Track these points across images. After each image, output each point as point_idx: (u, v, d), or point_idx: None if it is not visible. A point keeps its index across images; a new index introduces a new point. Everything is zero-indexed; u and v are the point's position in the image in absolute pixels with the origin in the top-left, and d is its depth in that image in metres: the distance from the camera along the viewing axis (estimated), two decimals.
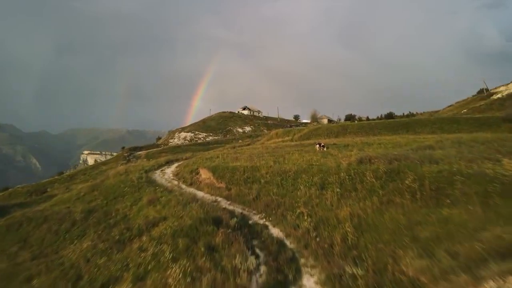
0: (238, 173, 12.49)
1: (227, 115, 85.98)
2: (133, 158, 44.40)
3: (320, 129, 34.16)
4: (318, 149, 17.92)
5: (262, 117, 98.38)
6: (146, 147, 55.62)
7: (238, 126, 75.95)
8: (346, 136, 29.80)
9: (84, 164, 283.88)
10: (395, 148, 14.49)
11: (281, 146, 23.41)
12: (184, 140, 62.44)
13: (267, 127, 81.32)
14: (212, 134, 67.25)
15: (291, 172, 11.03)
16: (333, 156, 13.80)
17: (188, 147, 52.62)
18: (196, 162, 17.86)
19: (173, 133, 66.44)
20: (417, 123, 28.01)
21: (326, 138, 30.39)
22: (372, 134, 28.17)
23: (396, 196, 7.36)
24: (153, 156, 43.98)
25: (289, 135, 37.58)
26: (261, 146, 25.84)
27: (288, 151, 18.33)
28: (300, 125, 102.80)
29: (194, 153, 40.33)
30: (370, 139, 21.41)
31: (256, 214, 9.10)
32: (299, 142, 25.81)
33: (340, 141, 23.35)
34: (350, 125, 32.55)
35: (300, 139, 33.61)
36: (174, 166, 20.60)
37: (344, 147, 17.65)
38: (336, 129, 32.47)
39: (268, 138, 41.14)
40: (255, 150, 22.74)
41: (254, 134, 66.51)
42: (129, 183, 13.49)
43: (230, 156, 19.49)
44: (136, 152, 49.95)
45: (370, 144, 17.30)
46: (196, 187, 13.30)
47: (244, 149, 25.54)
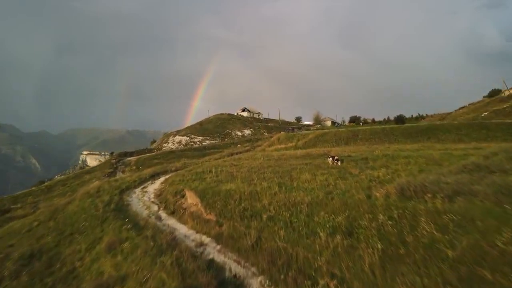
0: (232, 202, 9.78)
1: (226, 117, 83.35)
2: (121, 165, 41.72)
3: (327, 135, 31.49)
4: (331, 163, 15.27)
5: (262, 119, 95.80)
6: (138, 152, 52.93)
7: (237, 129, 73.29)
8: (358, 143, 27.17)
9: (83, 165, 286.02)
10: (431, 165, 11.81)
11: (285, 156, 20.71)
12: (179, 144, 59.75)
13: (268, 130, 78.72)
14: (209, 137, 64.58)
15: (303, 205, 8.32)
16: (354, 176, 11.12)
17: (182, 152, 49.95)
18: (184, 179, 15.15)
19: (167, 137, 63.77)
20: (439, 129, 25.36)
21: (335, 145, 27.77)
22: (387, 142, 25.53)
23: (486, 271, 4.64)
24: (144, 163, 41.34)
25: (293, 141, 34.92)
26: (262, 156, 23.17)
27: (295, 165, 15.66)
28: (302, 128, 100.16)
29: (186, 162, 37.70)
30: (390, 149, 18.75)
31: (256, 276, 6.39)
32: (305, 151, 23.12)
33: (353, 150, 20.69)
34: (361, 130, 29.88)
35: (305, 146, 31.00)
36: (159, 181, 17.89)
37: (363, 161, 14.95)
38: (345, 135, 29.80)
39: (270, 143, 38.47)
40: (255, 161, 20.05)
41: (254, 138, 63.85)
42: (93, 212, 10.76)
43: (225, 170, 16.82)
44: (126, 158, 47.26)
45: (394, 158, 14.60)
46: (178, 217, 10.58)
47: (243, 159, 22.85)
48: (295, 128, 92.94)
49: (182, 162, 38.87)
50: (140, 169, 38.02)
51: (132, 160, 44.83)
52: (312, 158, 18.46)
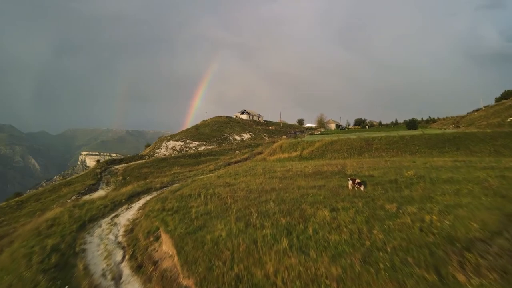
0: (221, 263, 6.82)
1: (224, 120, 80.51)
2: (107, 175, 38.72)
3: (337, 143, 28.55)
4: (351, 187, 12.33)
5: (262, 122, 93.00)
6: (127, 159, 49.95)
7: (236, 133, 70.39)
8: (373, 153, 24.24)
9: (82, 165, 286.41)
10: (493, 197, 8.83)
11: (291, 172, 17.75)
12: (173, 150, 56.80)
13: (269, 134, 75.88)
14: (205, 143, 61.67)
15: (331, 283, 5.37)
16: (393, 217, 8.16)
17: (175, 160, 47.03)
18: (165, 208, 12.17)
19: (160, 142, 60.83)
20: (469, 138, 22.45)
21: (347, 156, 24.83)
22: (409, 153, 22.60)
23: None
24: (132, 173, 38.39)
25: (297, 149, 32.00)
26: (263, 170, 20.20)
27: (305, 189, 12.74)
28: (305, 131, 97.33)
29: (178, 173, 34.88)
30: (419, 165, 15.81)
31: None
32: (314, 165, 20.18)
33: (372, 166, 17.76)
34: (376, 138, 26.94)
35: (311, 156, 28.09)
36: (137, 206, 14.91)
37: (392, 185, 11.99)
38: (358, 144, 26.87)
39: (271, 151, 35.53)
40: (255, 179, 17.11)
41: (253, 143, 60.95)
42: (22, 271, 7.75)
43: (217, 193, 13.89)
44: (113, 166, 44.24)
45: (433, 183, 11.64)
46: (144, 279, 7.60)
47: (240, 174, 19.90)
48: (297, 132, 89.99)
49: (173, 173, 36.00)
50: (127, 180, 35.09)
51: (120, 169, 41.87)
52: (325, 177, 15.50)
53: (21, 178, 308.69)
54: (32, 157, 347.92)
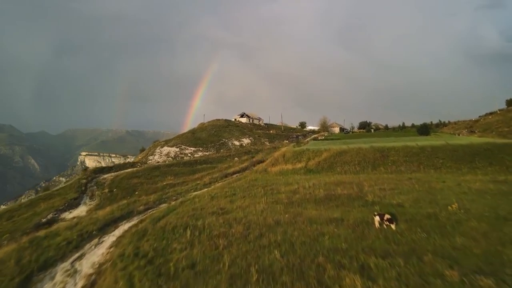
0: None
1: (222, 124, 78.03)
2: (93, 186, 36.20)
3: (347, 154, 26.02)
4: (378, 225, 9.82)
5: (263, 126, 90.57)
6: (118, 167, 47.42)
7: (235, 138, 67.89)
8: (390, 168, 21.71)
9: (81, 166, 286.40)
10: None
11: (298, 196, 15.19)
12: (167, 157, 54.28)
13: (269, 139, 73.43)
14: (202, 148, 59.17)
15: None
16: None
17: (169, 168, 44.51)
18: (138, 253, 9.64)
19: (154, 148, 58.30)
20: (503, 150, 19.92)
21: (359, 170, 22.31)
22: (432, 167, 20.07)
23: None
24: (120, 184, 35.89)
25: (302, 159, 29.49)
26: (264, 191, 17.64)
27: (317, 224, 10.22)
28: (307, 134, 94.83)
29: (169, 185, 32.40)
30: (455, 189, 13.28)
31: None
32: (324, 184, 17.65)
33: (394, 185, 15.26)
34: (392, 149, 24.39)
35: (318, 168, 25.59)
36: (109, 242, 12.35)
37: (432, 223, 9.46)
38: (372, 155, 24.34)
39: (273, 161, 32.98)
40: (255, 204, 14.60)
41: (253, 149, 58.43)
42: None
43: (207, 227, 11.40)
44: (101, 176, 41.71)
45: (491, 223, 9.10)
46: None
47: (238, 195, 17.38)
48: (299, 136, 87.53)
49: (164, 185, 33.48)
50: (114, 193, 32.54)
51: (108, 179, 39.38)
52: (341, 204, 12.97)
53: (21, 178, 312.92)
54: (32, 157, 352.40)
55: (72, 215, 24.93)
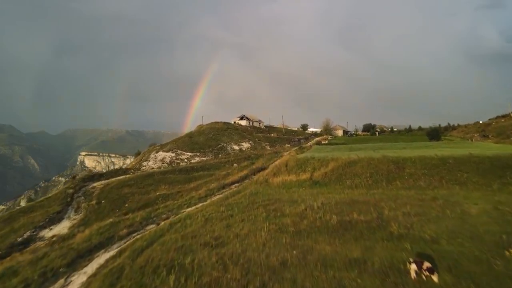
0: None
1: (221, 127, 76.05)
2: (80, 196, 34.15)
3: (357, 165, 23.97)
4: (414, 275, 7.78)
5: (263, 128, 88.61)
6: (109, 174, 45.34)
7: (234, 142, 65.89)
8: (407, 182, 19.66)
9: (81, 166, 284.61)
10: None
11: (305, 221, 13.14)
12: (162, 162, 52.25)
13: (270, 143, 71.45)
14: (199, 153, 57.16)
15: None
16: None
17: (163, 176, 42.46)
18: None
19: (148, 153, 56.29)
20: None
21: (373, 184, 20.29)
22: (457, 183, 18.03)
23: None
24: (109, 195, 33.83)
25: (306, 169, 27.47)
26: (266, 213, 15.58)
27: (335, 270, 8.19)
28: (309, 137, 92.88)
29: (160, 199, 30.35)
30: (496, 216, 11.25)
31: None
32: (335, 203, 15.60)
33: (419, 208, 13.27)
34: (408, 160, 22.33)
35: (325, 180, 23.58)
36: (77, 284, 10.29)
37: (485, 276, 7.42)
38: (386, 167, 22.28)
39: (274, 170, 30.94)
40: (256, 231, 12.58)
41: (253, 155, 56.37)
42: None
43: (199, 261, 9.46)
44: (90, 184, 39.65)
45: None
46: None
47: (235, 218, 15.35)
48: (301, 139, 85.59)
49: (157, 196, 31.43)
50: (102, 205, 30.49)
51: (97, 188, 37.33)
52: (360, 235, 10.94)
53: (20, 178, 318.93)
54: (32, 157, 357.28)
55: (52, 233, 22.88)
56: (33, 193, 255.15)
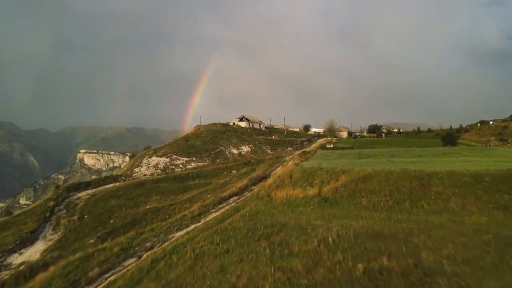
0: None
1: (219, 129, 73.41)
2: (62, 209, 31.57)
3: (373, 180, 21.34)
4: None
5: (264, 130, 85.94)
6: (97, 182, 42.73)
7: (233, 146, 63.26)
8: (435, 204, 17.05)
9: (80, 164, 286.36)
10: None
11: (321, 269, 10.51)
12: (156, 168, 49.62)
13: (271, 146, 68.85)
14: (196, 158, 54.55)
15: None
16: None
17: (156, 185, 39.87)
18: None
19: (141, 158, 53.66)
20: None
21: (394, 205, 17.71)
22: (499, 207, 15.40)
23: None
24: (94, 208, 31.24)
25: (313, 182, 24.90)
26: (269, 248, 12.98)
27: None
28: (312, 139, 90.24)
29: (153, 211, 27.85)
30: None
31: None
32: (353, 235, 12.99)
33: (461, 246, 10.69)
34: (435, 175, 19.66)
35: (335, 198, 21.01)
36: None
37: None
38: (407, 183, 19.65)
39: (277, 182, 28.34)
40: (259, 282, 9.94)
41: (253, 160, 53.77)
42: None
43: None
44: (75, 194, 37.03)
45: None
46: None
47: (232, 253, 12.75)
48: (304, 142, 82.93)
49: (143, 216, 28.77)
50: (84, 222, 27.87)
51: (82, 199, 34.76)
52: None
53: (20, 176, 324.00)
54: (31, 155, 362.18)
55: (22, 259, 20.29)
56: (32, 191, 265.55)
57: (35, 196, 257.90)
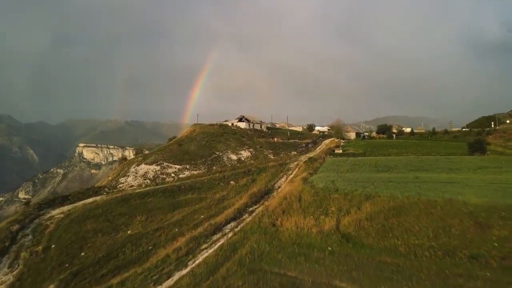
0: None
1: (216, 131, 69.14)
2: (28, 234, 27.48)
3: (409, 214, 17.19)
4: None
5: (265, 131, 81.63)
6: (76, 196, 38.61)
7: (231, 150, 59.08)
8: (509, 263, 12.89)
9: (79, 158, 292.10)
10: None
11: None
12: (144, 178, 45.49)
13: (274, 150, 64.69)
14: (190, 166, 50.43)
15: None
16: None
17: (142, 200, 35.84)
18: None
19: (128, 165, 49.45)
20: None
21: (444, 257, 13.60)
22: None
23: None
24: (64, 234, 27.18)
25: (329, 211, 20.82)
26: None
27: None
28: (318, 141, 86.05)
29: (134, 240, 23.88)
30: None
31: None
32: None
33: None
34: (494, 212, 15.53)
35: (360, 236, 16.99)
36: None
37: None
38: (457, 223, 15.50)
39: (283, 205, 24.25)
40: None
41: (254, 167, 49.64)
42: None
43: None
44: (47, 213, 32.88)
45: None
46: None
47: None
48: (309, 144, 78.76)
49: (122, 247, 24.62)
50: (48, 255, 23.78)
51: (55, 219, 30.75)
52: None
53: (19, 169, 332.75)
54: (31, 148, 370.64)
55: None
56: (31, 184, 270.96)
57: (34, 190, 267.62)
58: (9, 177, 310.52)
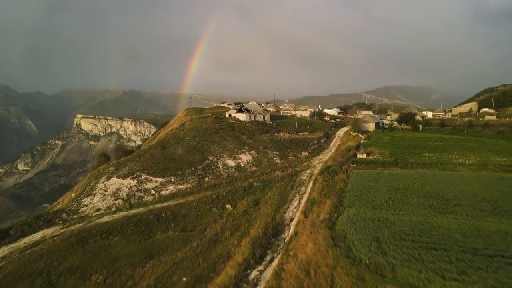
0: None
1: (210, 127, 60.23)
2: None
3: None
4: None
5: (269, 124, 72.51)
6: (19, 228, 30.69)
7: (228, 154, 50.58)
8: None
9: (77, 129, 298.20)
10: None
11: None
12: (116, 198, 37.39)
13: (280, 151, 56.28)
14: (175, 178, 42.20)
15: None
16: None
17: (104, 242, 28.28)
18: None
19: (96, 178, 41.17)
20: None
21: None
22: None
23: None
24: None
25: None
26: None
27: None
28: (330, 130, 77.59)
29: None
30: None
31: None
32: None
33: None
34: None
35: None
36: None
37: None
38: None
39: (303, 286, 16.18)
40: None
41: (257, 180, 41.41)
42: None
43: None
44: None
45: None
46: None
47: None
48: (321, 139, 70.43)
49: None
50: None
51: None
52: None
53: (18, 140, 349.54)
54: (29, 118, 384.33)
55: None
56: (29, 156, 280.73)
57: (33, 162, 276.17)
58: (8, 148, 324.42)
